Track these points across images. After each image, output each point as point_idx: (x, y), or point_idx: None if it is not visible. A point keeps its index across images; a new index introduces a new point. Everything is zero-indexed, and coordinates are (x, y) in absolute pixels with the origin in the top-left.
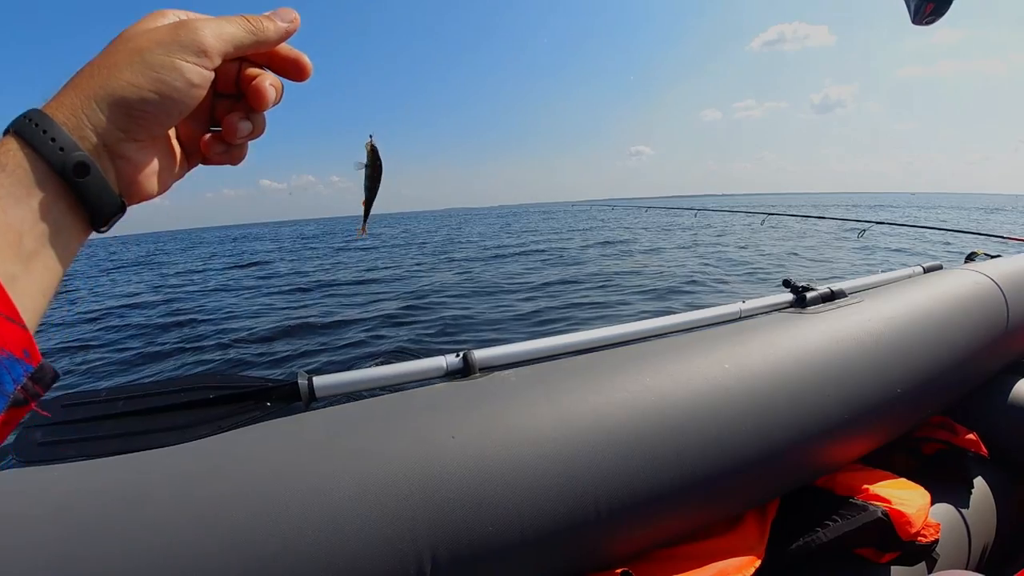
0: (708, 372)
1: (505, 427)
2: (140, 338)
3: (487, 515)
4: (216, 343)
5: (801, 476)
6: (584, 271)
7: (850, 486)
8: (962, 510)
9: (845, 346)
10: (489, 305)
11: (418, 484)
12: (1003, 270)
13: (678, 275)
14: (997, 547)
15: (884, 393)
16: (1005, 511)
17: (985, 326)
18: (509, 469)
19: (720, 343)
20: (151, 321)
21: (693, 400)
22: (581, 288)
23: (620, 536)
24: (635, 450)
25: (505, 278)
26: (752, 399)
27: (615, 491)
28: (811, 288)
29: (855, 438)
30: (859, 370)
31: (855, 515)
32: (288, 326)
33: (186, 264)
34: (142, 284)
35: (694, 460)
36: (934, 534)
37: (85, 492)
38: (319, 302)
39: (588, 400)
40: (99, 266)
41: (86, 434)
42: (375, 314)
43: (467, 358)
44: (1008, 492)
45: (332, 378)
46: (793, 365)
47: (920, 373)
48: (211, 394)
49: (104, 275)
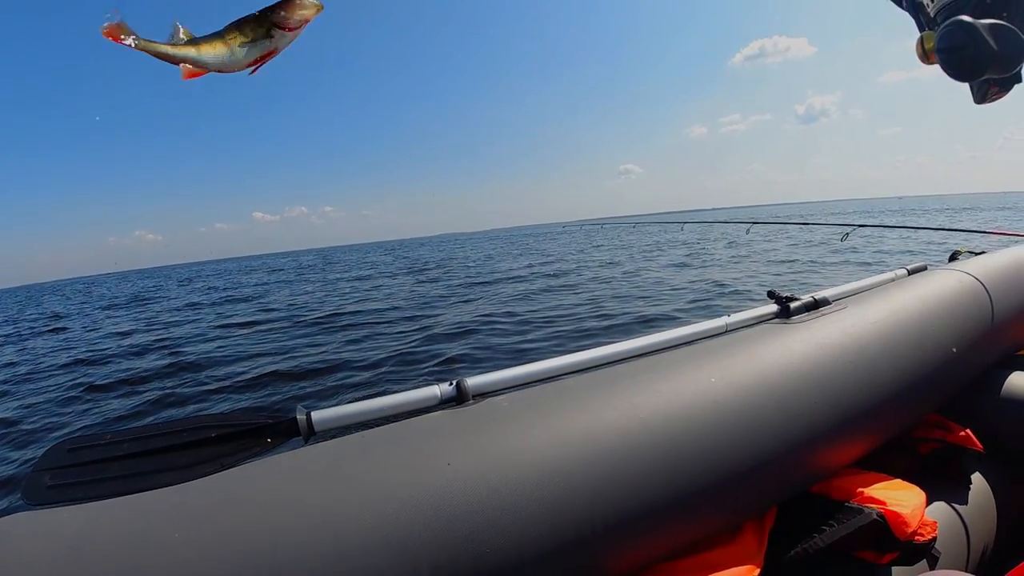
0: (696, 387)
1: (499, 451)
2: (139, 382)
3: (486, 538)
4: (216, 384)
5: (796, 483)
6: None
7: (846, 490)
8: (960, 507)
9: (830, 353)
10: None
11: (418, 511)
12: (985, 267)
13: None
14: (1000, 540)
15: (872, 396)
16: (1005, 505)
17: (971, 323)
18: (505, 492)
19: (707, 357)
20: (151, 364)
21: (683, 415)
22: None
23: (619, 553)
24: (629, 467)
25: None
26: (741, 411)
27: (611, 509)
28: (795, 298)
29: (847, 442)
30: (845, 375)
31: (851, 519)
32: (290, 363)
33: (183, 299)
34: (138, 322)
35: (687, 474)
36: (931, 532)
37: (95, 533)
38: (330, 336)
39: (580, 420)
40: (94, 304)
41: (93, 476)
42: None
43: (460, 386)
44: (1006, 486)
45: (330, 412)
46: (779, 375)
47: (908, 374)
48: (212, 433)
49: (100, 312)
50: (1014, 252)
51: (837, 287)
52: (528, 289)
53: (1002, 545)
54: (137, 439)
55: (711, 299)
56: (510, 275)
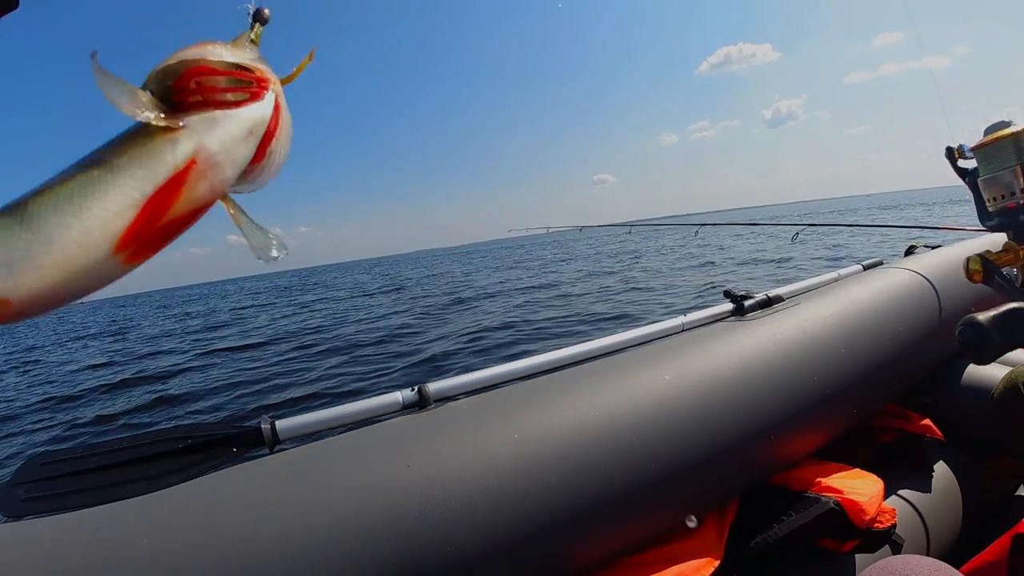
0: (650, 385)
1: (458, 452)
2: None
3: (446, 537)
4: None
5: (754, 475)
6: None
7: (804, 481)
8: (923, 494)
9: (783, 348)
10: None
11: (380, 514)
12: (932, 263)
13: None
14: (966, 526)
15: (827, 388)
16: (969, 491)
17: (922, 318)
18: (464, 491)
19: (661, 356)
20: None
21: (637, 412)
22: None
23: (579, 547)
24: (585, 464)
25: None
26: (695, 406)
27: (569, 505)
28: (749, 296)
29: (804, 434)
30: (799, 369)
31: (808, 508)
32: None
33: (160, 327)
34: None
35: (644, 469)
36: (891, 519)
37: (68, 543)
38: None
39: (537, 421)
40: (67, 335)
41: (65, 488)
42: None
43: (422, 391)
44: (970, 472)
45: (294, 420)
46: (733, 371)
47: (862, 366)
48: (179, 444)
49: (74, 342)
50: (962, 247)
51: (792, 284)
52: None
53: (968, 530)
54: (107, 452)
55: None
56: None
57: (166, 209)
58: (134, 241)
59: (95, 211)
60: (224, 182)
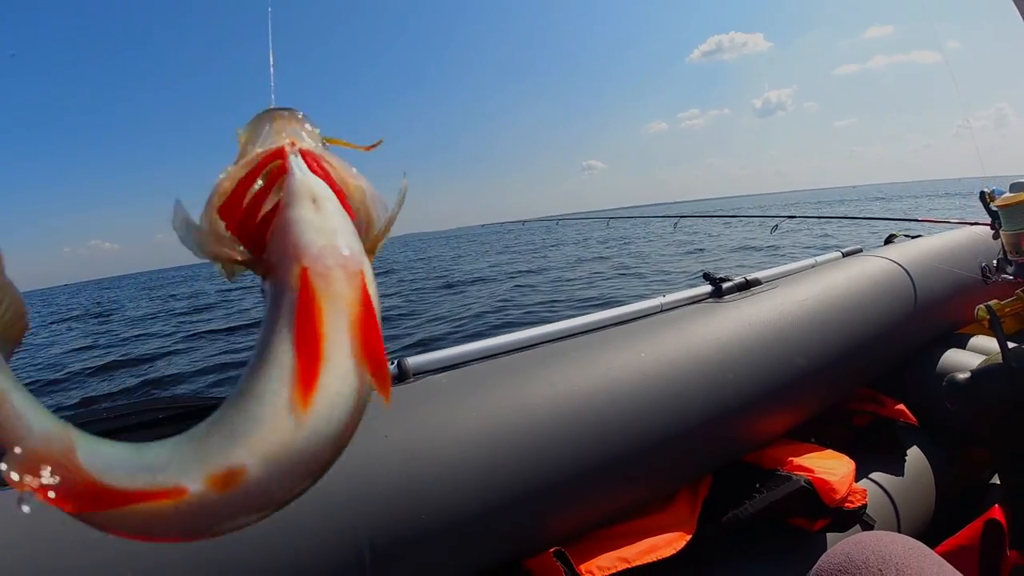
0: (626, 362)
1: (435, 425)
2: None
3: (421, 505)
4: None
5: (727, 453)
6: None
7: (777, 459)
8: (896, 477)
9: (758, 330)
10: None
11: (355, 481)
12: (910, 253)
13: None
14: (939, 509)
15: (800, 370)
16: (942, 475)
17: (898, 305)
18: (439, 462)
19: (639, 335)
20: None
21: (613, 388)
22: None
23: (552, 519)
24: (560, 438)
25: None
26: (669, 384)
27: (543, 476)
28: (728, 279)
29: (777, 414)
30: (773, 350)
31: (779, 486)
32: None
33: (145, 308)
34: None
35: (616, 443)
36: (861, 499)
37: (45, 511)
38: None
39: (514, 395)
40: (50, 317)
41: None
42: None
43: (401, 365)
44: (943, 458)
45: None
46: (708, 350)
47: (836, 349)
48: (160, 415)
49: (59, 325)
50: (941, 238)
51: (771, 269)
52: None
53: (941, 515)
54: (87, 423)
55: None
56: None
57: (318, 339)
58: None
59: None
60: (351, 257)
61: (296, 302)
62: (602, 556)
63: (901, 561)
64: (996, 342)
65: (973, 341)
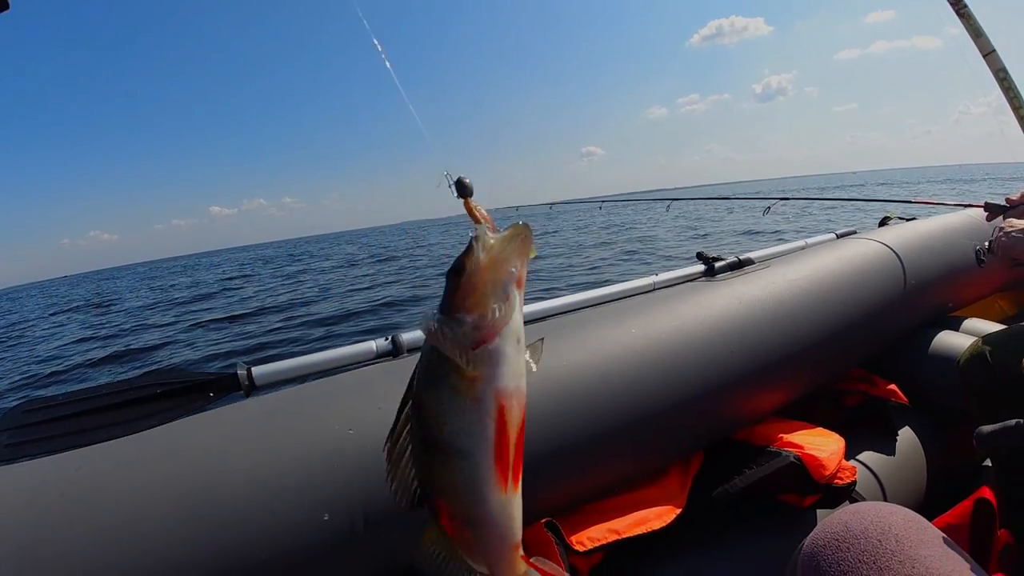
0: (618, 339)
1: None
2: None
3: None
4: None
5: (718, 429)
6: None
7: (767, 436)
8: (887, 456)
9: (749, 308)
10: None
11: (350, 455)
12: (903, 235)
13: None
14: (930, 489)
15: (790, 349)
16: (933, 455)
17: (889, 286)
18: None
19: (631, 312)
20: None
21: (603, 365)
22: None
23: (543, 492)
24: (551, 412)
25: None
26: (660, 361)
27: (533, 449)
28: (720, 258)
29: (768, 392)
30: (764, 329)
31: (769, 461)
32: None
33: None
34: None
35: (607, 418)
36: (851, 476)
37: (49, 483)
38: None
39: None
40: (48, 309)
41: (47, 433)
42: None
43: (396, 340)
44: (934, 437)
45: (270, 367)
46: (699, 328)
47: (827, 329)
48: (157, 389)
49: (60, 316)
50: (935, 221)
51: (764, 249)
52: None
53: (932, 494)
54: (87, 399)
55: None
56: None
57: (505, 448)
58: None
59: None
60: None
61: (495, 428)
62: (593, 528)
63: (901, 532)
64: (988, 324)
65: (966, 323)
